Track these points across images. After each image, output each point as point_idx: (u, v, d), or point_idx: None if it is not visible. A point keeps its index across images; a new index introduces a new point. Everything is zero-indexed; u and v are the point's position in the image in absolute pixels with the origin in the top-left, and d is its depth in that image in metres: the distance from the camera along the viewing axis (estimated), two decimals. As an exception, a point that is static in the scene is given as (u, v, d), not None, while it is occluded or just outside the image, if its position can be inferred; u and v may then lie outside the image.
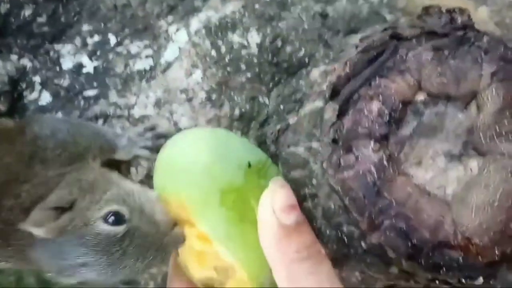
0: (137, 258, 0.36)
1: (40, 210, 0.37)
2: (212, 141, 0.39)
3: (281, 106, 0.47)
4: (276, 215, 0.34)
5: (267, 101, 0.46)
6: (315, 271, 0.33)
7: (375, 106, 0.39)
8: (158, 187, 0.39)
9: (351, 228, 0.43)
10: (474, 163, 0.39)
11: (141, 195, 0.39)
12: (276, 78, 0.46)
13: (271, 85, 0.46)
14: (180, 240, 0.38)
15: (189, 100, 0.45)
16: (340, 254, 0.42)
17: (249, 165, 0.38)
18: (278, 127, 0.46)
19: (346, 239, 0.43)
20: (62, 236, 0.36)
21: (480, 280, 0.40)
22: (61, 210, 0.37)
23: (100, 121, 0.45)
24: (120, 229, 0.37)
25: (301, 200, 0.38)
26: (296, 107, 0.46)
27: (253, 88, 0.46)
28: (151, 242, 0.37)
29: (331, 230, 0.44)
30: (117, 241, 0.36)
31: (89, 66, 0.46)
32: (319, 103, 0.45)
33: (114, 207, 0.37)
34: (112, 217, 0.37)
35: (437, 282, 0.42)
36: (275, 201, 0.34)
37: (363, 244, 0.43)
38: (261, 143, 0.42)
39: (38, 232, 0.36)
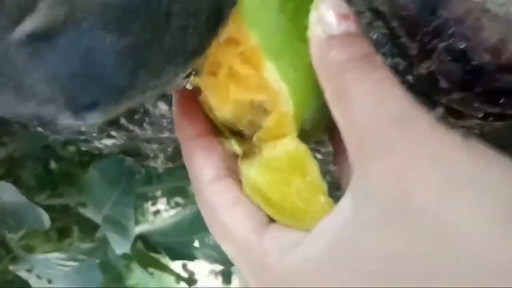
0: (183, 25, 0.26)
1: None
2: None
3: None
4: (323, 26, 0.29)
5: None
6: (364, 78, 0.27)
7: None
8: None
9: (396, 60, 0.38)
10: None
11: None
12: None
13: None
14: None
15: None
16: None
17: None
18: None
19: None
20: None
21: (543, 113, 0.36)
22: None
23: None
24: None
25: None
26: None
27: None
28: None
29: (372, 66, 0.39)
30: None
31: None
32: None
33: None
34: None
35: (491, 118, 0.38)
36: (322, 11, 0.29)
37: (409, 77, 0.38)
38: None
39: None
